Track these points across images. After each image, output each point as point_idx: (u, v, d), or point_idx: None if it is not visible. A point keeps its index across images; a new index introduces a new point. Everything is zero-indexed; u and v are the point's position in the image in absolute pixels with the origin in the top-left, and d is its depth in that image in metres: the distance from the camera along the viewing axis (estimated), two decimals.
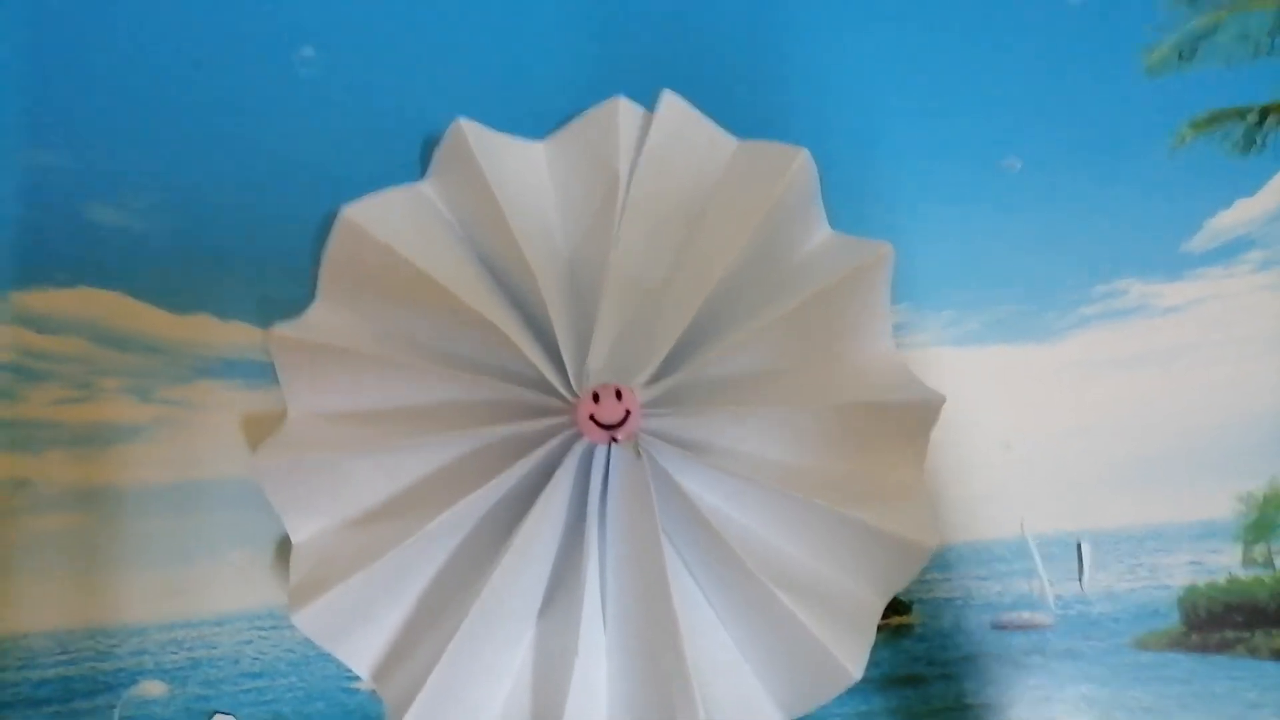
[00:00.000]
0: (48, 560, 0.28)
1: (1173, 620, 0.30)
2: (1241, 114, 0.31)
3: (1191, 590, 0.30)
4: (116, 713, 0.28)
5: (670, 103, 0.29)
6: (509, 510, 0.27)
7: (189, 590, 0.28)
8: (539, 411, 0.26)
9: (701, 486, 0.27)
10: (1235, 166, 0.31)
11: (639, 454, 0.26)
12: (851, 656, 0.27)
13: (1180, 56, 0.32)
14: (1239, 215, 0.31)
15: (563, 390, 0.26)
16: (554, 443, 0.26)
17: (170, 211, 0.29)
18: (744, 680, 0.27)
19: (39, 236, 0.29)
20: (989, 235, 0.31)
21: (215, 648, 0.28)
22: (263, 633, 0.28)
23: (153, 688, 0.28)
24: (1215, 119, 0.31)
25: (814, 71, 0.31)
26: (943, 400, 0.28)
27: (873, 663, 0.27)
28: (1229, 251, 0.31)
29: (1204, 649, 0.29)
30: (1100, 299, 0.31)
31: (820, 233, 0.29)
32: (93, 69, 0.30)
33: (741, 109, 0.30)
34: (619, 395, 0.26)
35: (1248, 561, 0.30)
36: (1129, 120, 0.31)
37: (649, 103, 0.29)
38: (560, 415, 0.26)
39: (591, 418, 0.26)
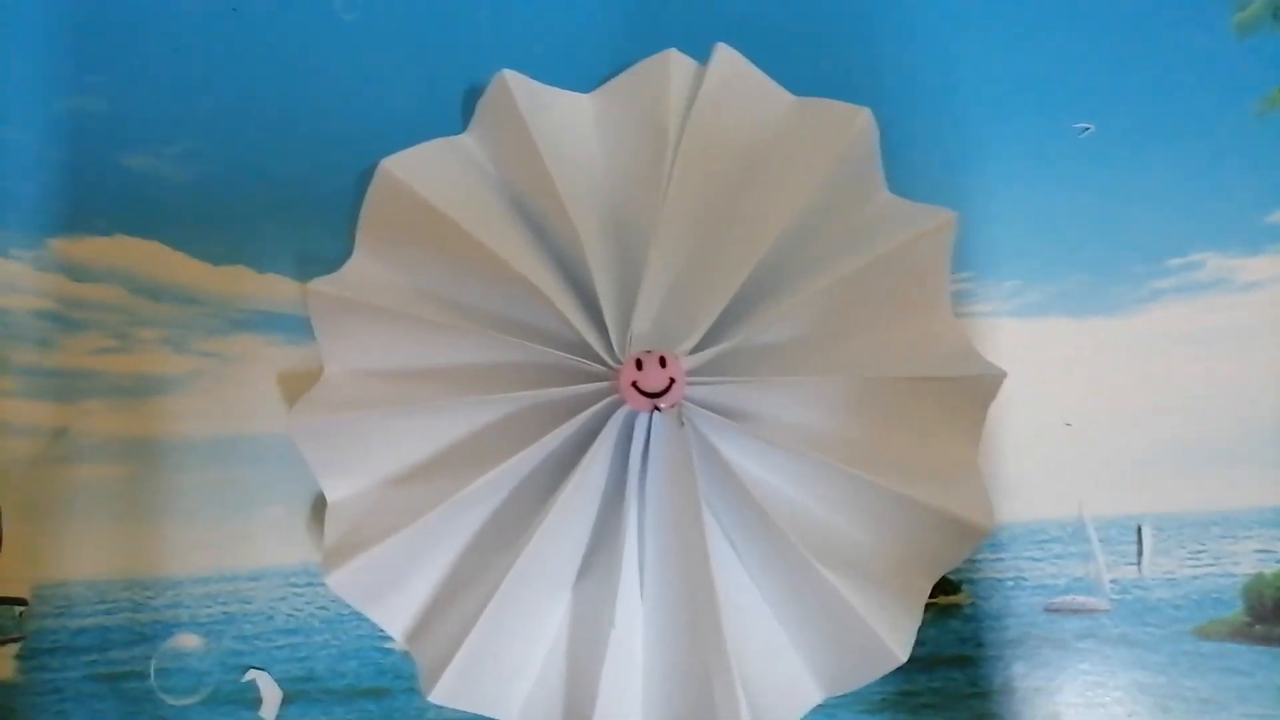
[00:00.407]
0: (85, 509, 0.28)
1: (1235, 609, 0.28)
2: None
3: (1258, 579, 0.28)
4: (152, 664, 0.28)
5: (725, 56, 0.28)
6: (548, 476, 0.26)
7: (225, 544, 0.28)
8: (581, 376, 0.26)
9: (746, 457, 0.26)
10: None
11: (682, 423, 0.25)
12: (897, 638, 0.26)
13: (1275, 15, 0.29)
14: None
15: (605, 356, 0.26)
16: (595, 409, 0.25)
17: (208, 161, 0.29)
18: (784, 656, 0.27)
19: (77, 184, 0.29)
20: (1057, 202, 0.29)
21: (250, 603, 0.28)
22: (297, 589, 0.28)
23: (188, 640, 0.28)
24: None
25: (874, 28, 0.29)
26: (1003, 376, 0.27)
27: (918, 642, 0.27)
28: None
29: (1268, 640, 0.28)
30: (1174, 272, 0.29)
31: (879, 197, 0.28)
32: (131, 15, 0.29)
33: (798, 65, 0.29)
34: (663, 362, 0.25)
35: None
36: (1214, 82, 0.29)
37: (701, 57, 0.28)
38: (602, 381, 0.26)
39: (634, 385, 0.25)
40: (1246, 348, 0.29)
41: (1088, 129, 0.29)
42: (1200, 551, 0.29)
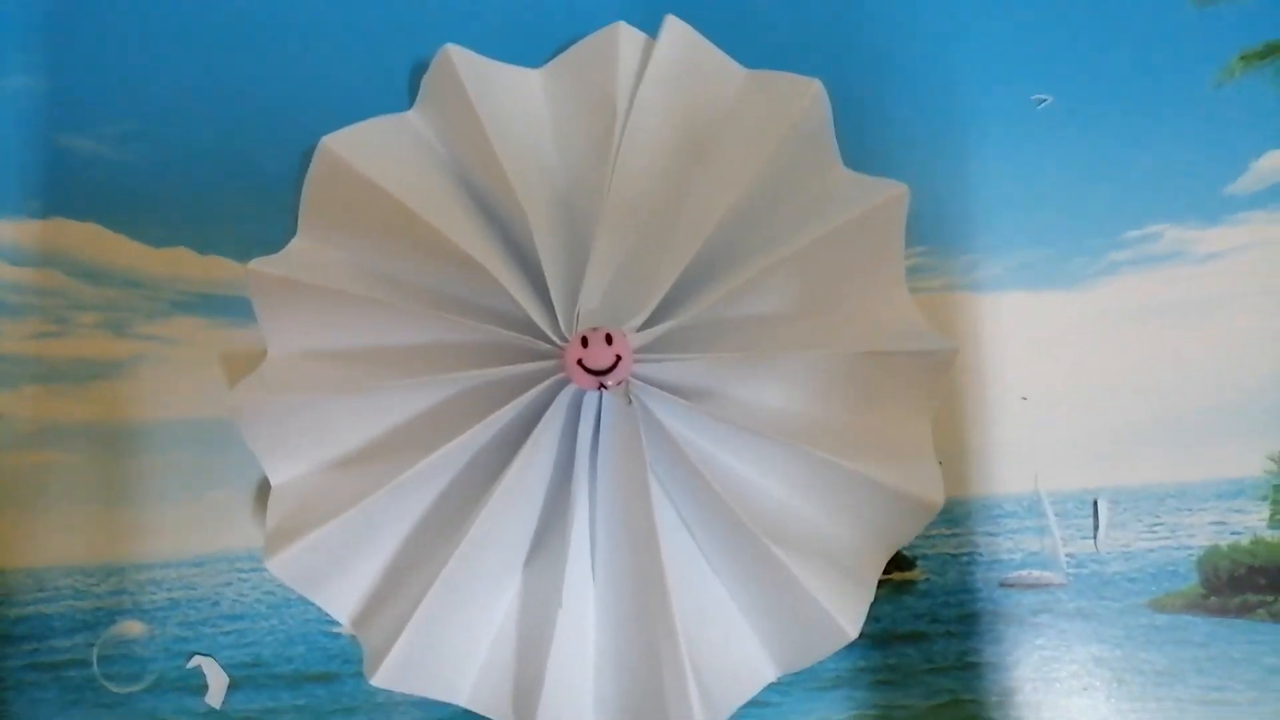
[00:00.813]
0: (23, 496, 0.28)
1: (1191, 582, 0.28)
2: None
3: (1213, 551, 0.28)
4: (95, 651, 0.27)
5: (674, 28, 0.27)
6: (495, 457, 0.26)
7: (168, 530, 0.28)
8: (527, 355, 0.25)
9: (696, 435, 0.26)
10: None
11: (630, 400, 0.25)
12: (848, 614, 0.26)
13: None
14: None
15: (551, 334, 0.25)
16: (542, 387, 0.25)
17: (147, 141, 0.28)
18: (737, 634, 0.27)
19: (12, 165, 0.28)
20: (1014, 175, 0.29)
21: (195, 589, 0.28)
22: (243, 574, 0.28)
23: (131, 627, 0.27)
24: (1270, 51, 0.29)
25: (828, 0, 0.29)
26: (955, 351, 0.26)
27: (873, 618, 0.27)
28: (1275, 195, 0.29)
29: (1223, 612, 0.28)
30: (1132, 244, 0.29)
31: (832, 171, 0.28)
32: None
33: (750, 38, 0.28)
34: (609, 340, 0.25)
35: (1275, 522, 0.28)
36: (1172, 52, 0.29)
37: (652, 29, 0.28)
38: (548, 359, 0.25)
39: (580, 362, 0.25)
40: (1204, 320, 0.29)
41: (1045, 100, 0.29)
42: (1156, 525, 0.29)
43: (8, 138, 0.28)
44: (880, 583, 0.27)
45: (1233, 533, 0.28)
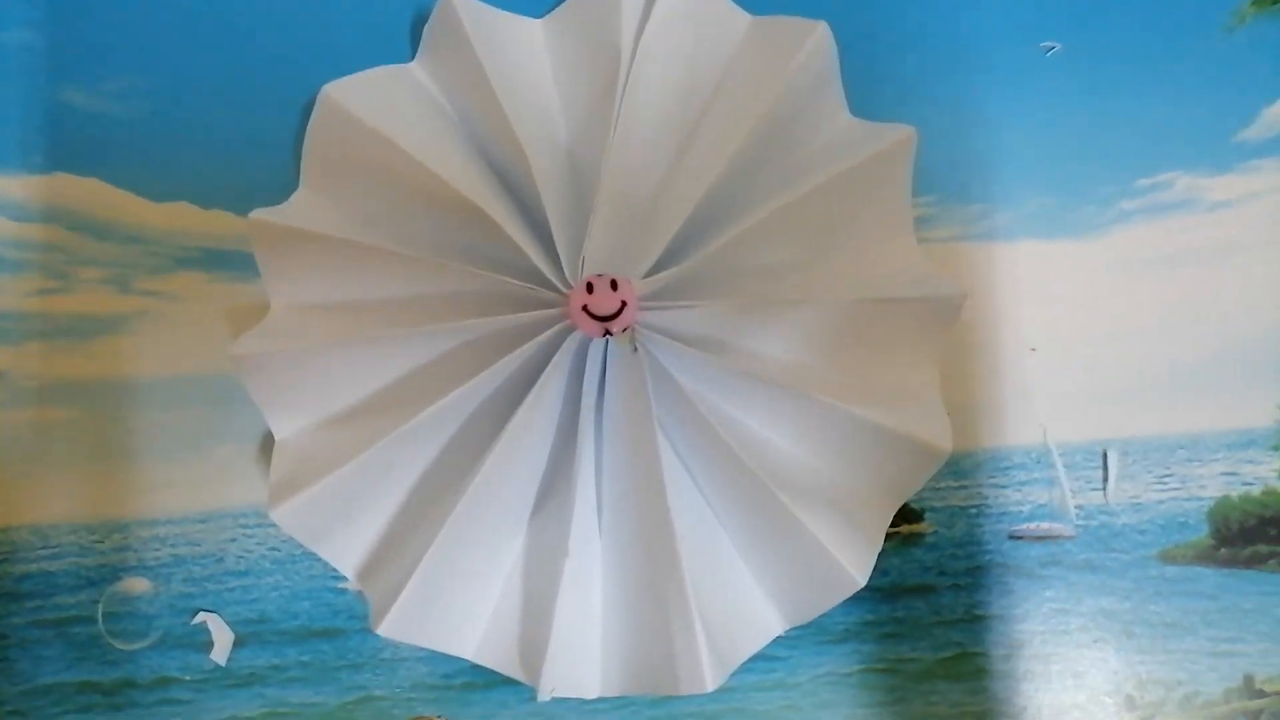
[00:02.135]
0: (28, 454, 0.27)
1: (1201, 533, 0.28)
2: None
3: (1223, 502, 0.28)
4: (100, 608, 0.27)
5: None
6: (500, 406, 0.25)
7: (172, 486, 0.27)
8: (532, 303, 0.25)
9: (702, 384, 0.25)
10: None
11: (635, 348, 0.25)
12: (856, 562, 0.26)
13: None
14: None
15: (556, 281, 0.25)
16: (547, 335, 0.25)
17: (147, 95, 0.28)
18: (744, 587, 0.26)
19: (13, 121, 0.28)
20: (1022, 123, 0.28)
21: (199, 545, 0.27)
22: (247, 530, 0.27)
23: (136, 584, 0.27)
24: None
25: None
26: (964, 296, 0.26)
27: (880, 571, 0.26)
28: None
29: (1233, 563, 0.28)
30: (1143, 193, 0.29)
31: (839, 117, 0.27)
32: None
33: None
34: (614, 286, 0.24)
35: None
36: None
37: None
38: (553, 307, 0.25)
39: (585, 309, 0.24)
40: (1215, 269, 0.29)
41: (1054, 48, 0.29)
42: (1166, 476, 0.28)
43: (8, 92, 0.28)
44: (888, 535, 0.27)
45: (1244, 483, 0.28)
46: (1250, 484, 0.28)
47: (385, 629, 0.25)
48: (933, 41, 0.28)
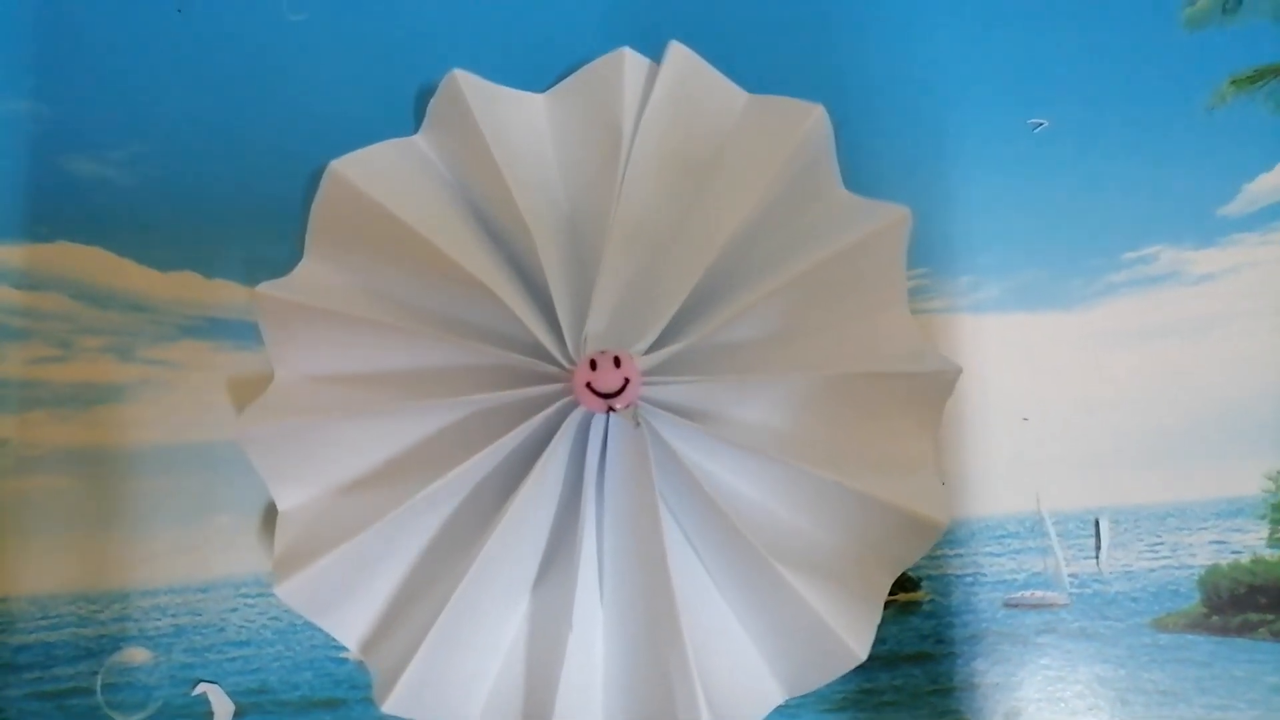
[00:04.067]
0: (29, 523, 0.27)
1: (1193, 601, 0.29)
2: None
3: (1213, 570, 0.29)
4: (99, 679, 0.27)
5: (678, 53, 0.28)
6: (503, 480, 0.26)
7: (174, 555, 0.27)
8: (535, 378, 0.25)
9: (704, 457, 0.26)
10: (1278, 127, 0.29)
11: (638, 423, 0.25)
12: (857, 636, 0.26)
13: (1224, 9, 0.30)
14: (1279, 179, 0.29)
15: (559, 356, 0.25)
16: (550, 410, 0.25)
17: (153, 164, 0.28)
18: (745, 656, 0.27)
19: (18, 190, 0.28)
20: (1011, 197, 0.29)
21: (200, 614, 0.27)
22: (249, 600, 0.27)
23: (136, 654, 0.27)
24: (1259, 75, 0.30)
25: (829, 24, 0.29)
26: (959, 372, 0.27)
27: (878, 640, 0.27)
28: (1267, 217, 0.29)
29: (1225, 631, 0.28)
30: (1128, 266, 0.29)
31: (834, 194, 0.28)
32: (73, 16, 0.29)
33: (752, 63, 0.28)
34: (617, 362, 0.25)
35: (1274, 541, 0.29)
36: (1165, 77, 0.30)
37: (655, 55, 0.28)
38: (556, 382, 0.25)
39: (589, 385, 0.25)
40: (1200, 340, 0.29)
41: (1042, 124, 0.30)
42: (1157, 544, 0.29)
43: (12, 161, 0.28)
44: (885, 604, 0.27)
45: (1233, 551, 0.29)
46: (1239, 552, 0.29)
47: (390, 706, 0.25)
48: (923, 118, 0.29)
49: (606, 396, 0.25)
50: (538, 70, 0.29)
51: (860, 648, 0.26)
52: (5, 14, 0.28)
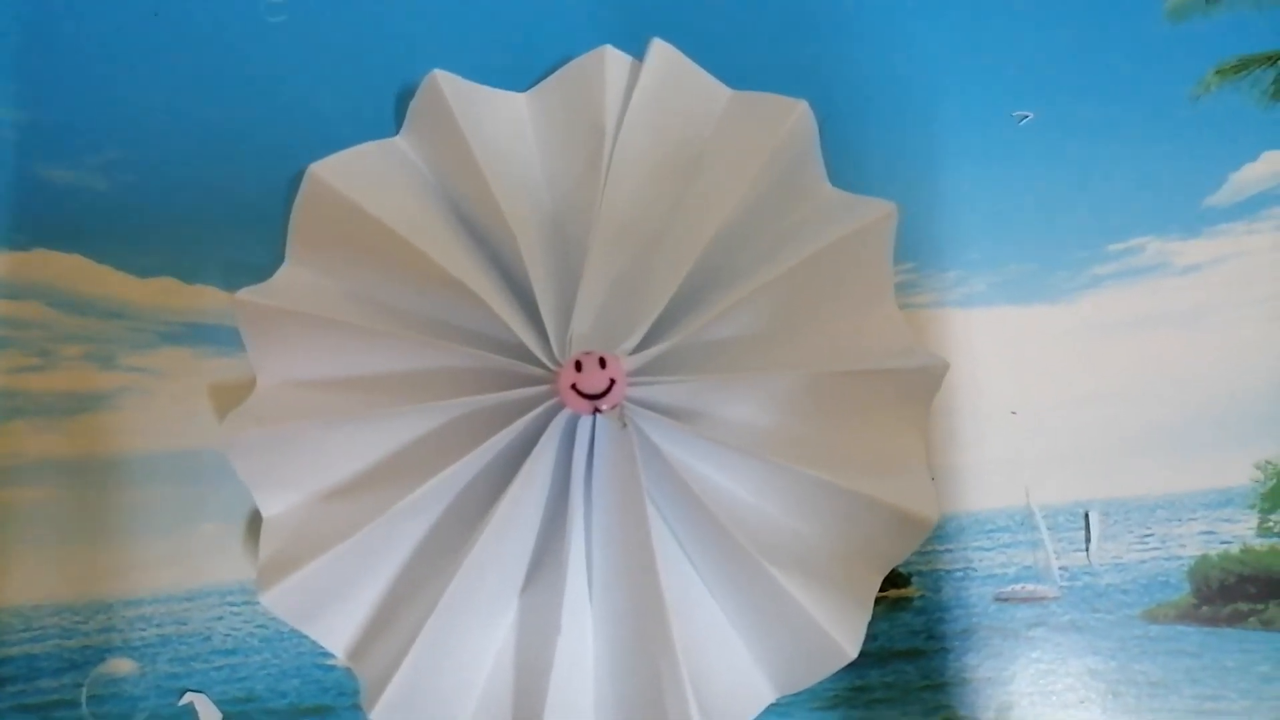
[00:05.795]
0: (9, 533, 0.27)
1: (1183, 592, 0.29)
2: (1272, 59, 0.29)
3: (1203, 560, 0.29)
4: (84, 691, 0.27)
5: (660, 51, 0.28)
6: (489, 484, 0.25)
7: (157, 564, 0.27)
8: (520, 380, 0.25)
9: (691, 457, 0.26)
10: (1263, 117, 0.29)
11: (624, 424, 0.25)
12: (847, 634, 0.26)
13: (1206, 0, 0.30)
14: (1265, 168, 0.29)
15: (544, 358, 0.25)
16: (536, 413, 0.25)
17: (131, 170, 0.28)
18: (736, 656, 0.26)
19: None
20: (997, 191, 0.29)
21: (185, 624, 0.27)
22: (234, 608, 0.27)
23: (121, 665, 0.27)
24: (1243, 65, 0.30)
25: (813, 19, 0.29)
26: (946, 367, 0.27)
27: (869, 636, 0.27)
28: (1253, 206, 0.29)
29: (1214, 621, 0.28)
30: (1115, 258, 0.29)
31: (820, 190, 0.28)
32: (47, 20, 0.28)
33: (735, 59, 0.28)
34: (603, 363, 0.25)
35: (1264, 530, 0.29)
36: (1149, 68, 0.30)
37: (637, 52, 0.28)
38: (542, 384, 0.25)
39: (574, 387, 0.25)
40: (1187, 331, 0.29)
41: (1027, 117, 0.29)
42: (1147, 536, 0.29)
43: None
44: (876, 600, 0.27)
45: (1222, 542, 0.29)
46: (1228, 542, 0.29)
47: (379, 713, 0.25)
48: (908, 112, 0.29)
49: (592, 398, 0.25)
50: (519, 70, 0.28)
51: (851, 645, 0.26)
52: None
